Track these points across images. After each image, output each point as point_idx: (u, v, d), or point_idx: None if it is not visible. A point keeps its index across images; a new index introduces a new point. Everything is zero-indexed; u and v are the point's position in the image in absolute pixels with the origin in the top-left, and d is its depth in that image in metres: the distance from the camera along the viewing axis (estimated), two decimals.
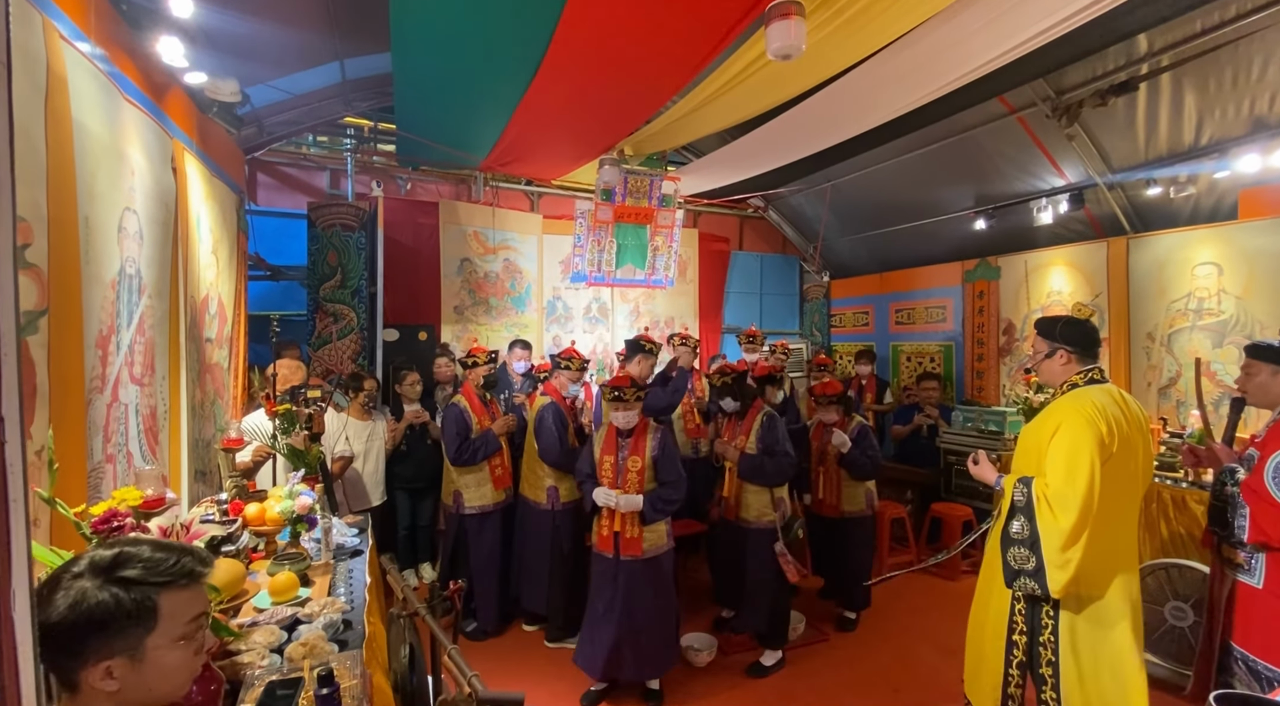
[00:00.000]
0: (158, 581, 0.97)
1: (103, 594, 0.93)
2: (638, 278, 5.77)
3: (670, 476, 3.07)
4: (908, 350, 6.78)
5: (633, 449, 3.08)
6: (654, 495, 3.03)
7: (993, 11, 2.66)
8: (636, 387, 3.09)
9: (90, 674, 0.92)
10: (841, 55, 3.16)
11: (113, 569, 0.96)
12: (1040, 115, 4.44)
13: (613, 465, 3.08)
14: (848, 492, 3.88)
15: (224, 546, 2.12)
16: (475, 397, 3.84)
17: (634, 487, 3.02)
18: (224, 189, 3.49)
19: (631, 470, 3.04)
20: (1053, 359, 2.22)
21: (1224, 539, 2.25)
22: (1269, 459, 2.00)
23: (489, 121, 4.05)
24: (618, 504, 2.98)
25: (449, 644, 1.19)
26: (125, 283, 2.15)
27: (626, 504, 2.99)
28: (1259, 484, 2.01)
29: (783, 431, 3.48)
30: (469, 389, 3.88)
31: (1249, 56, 3.52)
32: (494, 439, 3.77)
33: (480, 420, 3.79)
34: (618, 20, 2.71)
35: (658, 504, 3.02)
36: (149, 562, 0.98)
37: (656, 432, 3.11)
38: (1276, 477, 1.96)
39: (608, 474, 3.08)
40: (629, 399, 3.05)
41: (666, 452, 3.08)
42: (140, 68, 2.38)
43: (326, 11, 3.43)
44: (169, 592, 0.98)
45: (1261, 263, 3.94)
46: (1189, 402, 4.30)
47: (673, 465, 3.08)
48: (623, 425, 3.08)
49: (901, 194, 6.03)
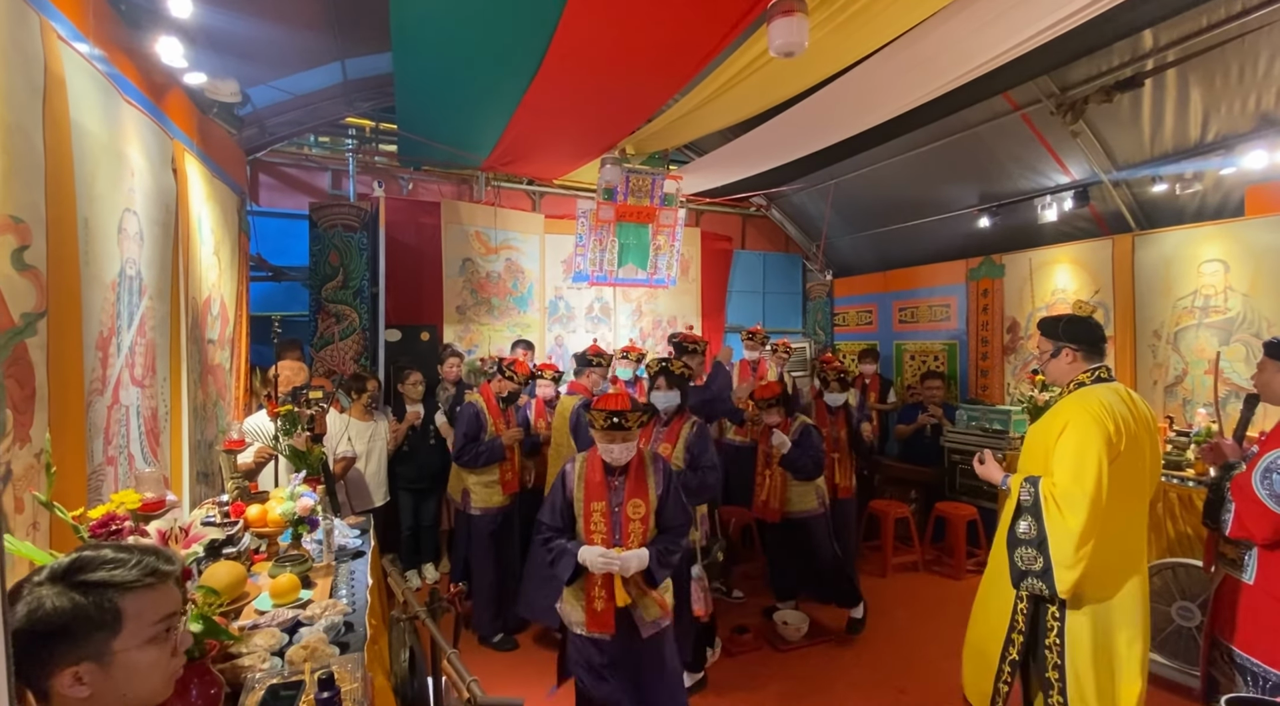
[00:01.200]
0: (119, 582, 0.96)
1: (60, 600, 0.92)
2: (640, 277, 5.76)
3: (678, 520, 2.41)
4: (911, 349, 6.75)
5: (632, 490, 2.35)
6: (659, 546, 2.33)
7: (996, 8, 2.64)
8: (640, 410, 2.42)
9: (59, 681, 0.91)
10: (844, 52, 3.14)
11: (71, 574, 0.95)
12: (1045, 112, 4.41)
13: (605, 514, 2.33)
14: (796, 493, 3.79)
15: (225, 548, 2.11)
16: (494, 401, 3.80)
17: (637, 541, 2.31)
18: (225, 190, 3.49)
19: (633, 518, 2.32)
20: (1059, 358, 2.20)
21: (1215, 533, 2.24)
22: (1262, 457, 1.99)
23: (490, 121, 4.04)
24: (622, 565, 2.23)
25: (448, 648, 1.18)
26: (125, 284, 2.14)
27: (637, 562, 2.25)
28: (1246, 480, 2.01)
29: (711, 442, 3.17)
30: (489, 391, 3.84)
31: (1255, 52, 3.49)
32: (500, 449, 3.71)
33: (495, 423, 3.76)
34: (619, 18, 2.69)
35: (664, 557, 2.32)
36: (110, 563, 0.97)
37: (657, 463, 2.46)
38: (1265, 477, 1.95)
39: (599, 527, 2.32)
40: (631, 426, 2.33)
41: (674, 488, 2.42)
42: (139, 68, 2.37)
43: (327, 12, 3.42)
44: (132, 594, 0.97)
45: (1268, 259, 3.91)
46: (1195, 401, 4.27)
47: (681, 505, 2.44)
48: (617, 458, 2.35)
49: (905, 192, 6.01)
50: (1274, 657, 1.97)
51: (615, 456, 2.35)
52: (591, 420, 2.37)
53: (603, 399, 2.38)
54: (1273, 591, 1.99)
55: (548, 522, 2.43)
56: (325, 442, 3.10)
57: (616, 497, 2.36)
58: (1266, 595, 2.01)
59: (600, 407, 2.33)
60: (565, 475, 2.45)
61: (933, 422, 5.40)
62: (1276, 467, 1.94)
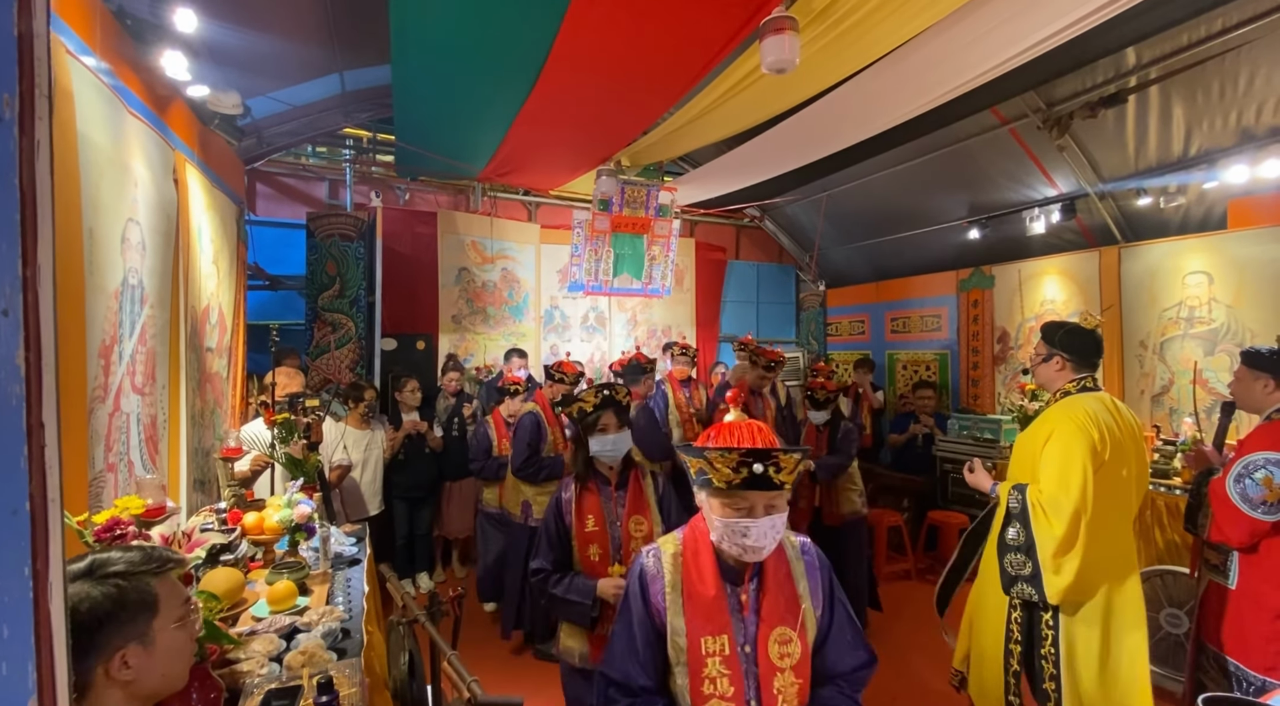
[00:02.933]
0: (147, 569, 1.04)
1: (105, 587, 0.98)
2: (635, 287, 5.81)
3: None
4: (903, 359, 6.81)
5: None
6: None
7: (983, 27, 2.71)
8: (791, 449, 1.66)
9: (108, 667, 0.96)
10: (836, 68, 3.21)
11: (95, 571, 1.01)
12: (1032, 126, 4.50)
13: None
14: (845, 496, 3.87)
15: (223, 555, 2.13)
16: (550, 409, 3.70)
17: None
18: (224, 199, 3.52)
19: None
20: (1048, 364, 2.25)
21: (1196, 537, 2.29)
22: (1235, 463, 2.05)
23: (487, 133, 4.09)
24: None
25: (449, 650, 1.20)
26: (128, 293, 2.17)
27: None
28: (1220, 485, 2.06)
29: None
30: (544, 399, 3.76)
31: (1235, 70, 3.58)
32: (561, 466, 3.55)
33: (554, 430, 3.67)
34: (615, 34, 2.75)
35: None
36: (128, 559, 1.05)
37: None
38: (1238, 481, 2.01)
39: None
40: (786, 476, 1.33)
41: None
42: (144, 81, 2.41)
43: (327, 25, 3.47)
44: (160, 579, 1.05)
45: (1251, 271, 3.99)
46: (1182, 410, 4.34)
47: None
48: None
49: (896, 204, 6.09)
50: (1255, 661, 2.01)
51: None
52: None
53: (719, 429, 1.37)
54: (1253, 595, 2.03)
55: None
56: (321, 451, 3.11)
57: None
58: (1247, 599, 2.05)
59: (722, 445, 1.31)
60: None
61: (925, 432, 5.45)
62: (1248, 472, 1.99)
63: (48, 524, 0.33)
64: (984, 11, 2.61)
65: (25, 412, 0.33)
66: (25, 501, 0.32)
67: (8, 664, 0.32)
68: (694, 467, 1.33)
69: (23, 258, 0.32)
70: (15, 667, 0.32)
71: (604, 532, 2.01)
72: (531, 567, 2.04)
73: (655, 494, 2.13)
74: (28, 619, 0.32)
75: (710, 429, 1.38)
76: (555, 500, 2.09)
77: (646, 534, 2.02)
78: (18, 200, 0.31)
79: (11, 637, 0.32)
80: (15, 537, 0.32)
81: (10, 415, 0.32)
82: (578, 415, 2.07)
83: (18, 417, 0.32)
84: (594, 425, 2.06)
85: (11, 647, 0.32)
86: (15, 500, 0.32)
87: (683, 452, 1.40)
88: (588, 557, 2.00)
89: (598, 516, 2.03)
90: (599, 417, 2.05)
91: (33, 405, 0.33)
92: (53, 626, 0.33)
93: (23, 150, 0.31)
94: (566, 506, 2.07)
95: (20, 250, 0.32)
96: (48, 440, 0.33)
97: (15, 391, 0.32)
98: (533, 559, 2.06)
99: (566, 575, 1.99)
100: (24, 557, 0.32)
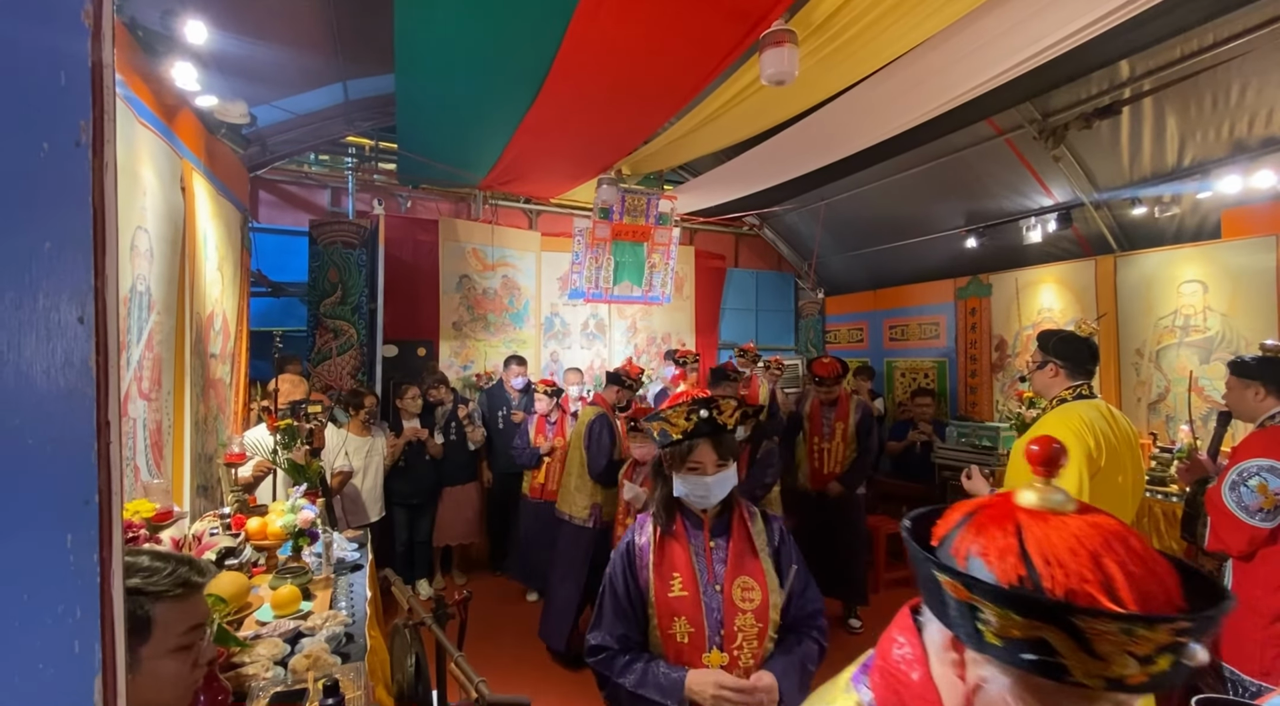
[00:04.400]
0: (152, 591, 0.97)
1: None
2: (635, 294, 5.85)
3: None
4: (902, 366, 6.84)
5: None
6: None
7: (978, 40, 2.76)
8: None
9: None
10: (834, 80, 3.26)
11: None
12: (1027, 137, 4.55)
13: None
14: None
15: (228, 559, 2.14)
16: (613, 411, 3.75)
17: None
18: (229, 207, 3.56)
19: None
20: (1043, 371, 2.27)
21: (1194, 547, 2.31)
22: (1229, 471, 2.07)
23: (489, 141, 4.13)
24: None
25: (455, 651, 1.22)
26: (136, 299, 2.20)
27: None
28: (1216, 494, 2.08)
29: None
30: (607, 402, 3.79)
31: (1227, 82, 3.63)
32: (619, 464, 3.57)
33: (625, 437, 3.66)
34: (618, 46, 2.80)
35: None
36: (145, 571, 0.99)
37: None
38: (1233, 489, 2.03)
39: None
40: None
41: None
42: (153, 91, 2.44)
43: (331, 35, 3.52)
44: (163, 603, 0.98)
45: (1245, 280, 4.03)
46: (1178, 418, 4.37)
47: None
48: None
49: (894, 212, 6.14)
50: (1250, 666, 2.02)
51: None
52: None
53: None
54: (1248, 600, 2.05)
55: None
56: (323, 457, 3.13)
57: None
58: (1242, 605, 2.07)
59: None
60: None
61: (923, 439, 5.47)
62: (1243, 480, 2.01)
63: (111, 514, 0.35)
64: (980, 25, 2.66)
65: (96, 411, 0.35)
66: (95, 494, 0.35)
67: (80, 642, 0.34)
68: (655, 430, 1.53)
69: (95, 270, 0.35)
70: (86, 647, 0.34)
71: (695, 599, 1.44)
72: (589, 643, 1.50)
73: (770, 544, 1.54)
74: (95, 602, 0.35)
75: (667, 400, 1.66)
76: (626, 547, 1.55)
77: (759, 605, 1.44)
78: (90, 217, 0.34)
79: (84, 618, 0.35)
80: (87, 526, 0.35)
81: (84, 414, 0.35)
82: (659, 438, 1.53)
83: (90, 416, 0.35)
84: (683, 459, 1.49)
85: (84, 627, 0.34)
86: (87, 491, 0.35)
87: (645, 421, 1.63)
88: (671, 636, 1.43)
89: (687, 575, 1.46)
90: (692, 449, 1.48)
91: (102, 405, 0.36)
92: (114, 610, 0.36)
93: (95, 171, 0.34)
94: (642, 557, 1.51)
95: (93, 262, 0.34)
96: (113, 437, 0.36)
97: (88, 392, 0.35)
98: (590, 632, 1.52)
99: (640, 658, 1.44)
100: (93, 545, 0.35)
